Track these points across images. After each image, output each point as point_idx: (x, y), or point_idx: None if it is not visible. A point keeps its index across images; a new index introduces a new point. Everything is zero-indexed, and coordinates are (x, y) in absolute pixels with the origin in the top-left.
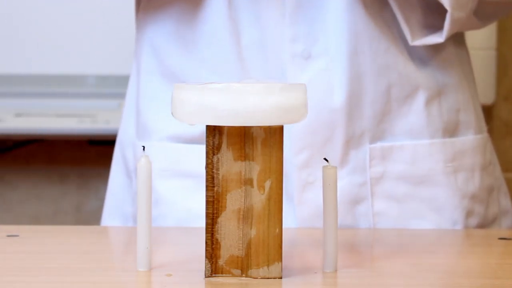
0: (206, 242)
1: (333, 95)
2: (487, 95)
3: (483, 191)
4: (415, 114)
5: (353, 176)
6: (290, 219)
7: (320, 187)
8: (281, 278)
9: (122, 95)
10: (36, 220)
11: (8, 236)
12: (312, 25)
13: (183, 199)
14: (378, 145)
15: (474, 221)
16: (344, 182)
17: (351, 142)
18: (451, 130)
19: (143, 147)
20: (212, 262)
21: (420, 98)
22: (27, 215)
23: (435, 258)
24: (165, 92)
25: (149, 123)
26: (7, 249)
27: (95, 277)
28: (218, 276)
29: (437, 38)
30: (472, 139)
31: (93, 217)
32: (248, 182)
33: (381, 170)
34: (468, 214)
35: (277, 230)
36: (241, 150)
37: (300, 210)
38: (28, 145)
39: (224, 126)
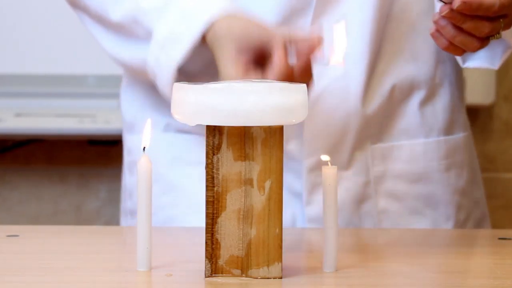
0: (206, 242)
1: (348, 101)
2: (487, 95)
3: (469, 185)
4: (411, 114)
5: (358, 176)
6: (300, 220)
7: None
8: (281, 278)
9: None
10: (36, 220)
11: (8, 236)
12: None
13: (195, 186)
14: (379, 145)
15: (462, 215)
16: (350, 182)
17: (357, 144)
18: (444, 129)
19: (144, 148)
20: (212, 262)
21: (415, 99)
22: (27, 215)
23: (435, 258)
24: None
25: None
26: (7, 249)
27: (95, 277)
28: (218, 276)
29: (491, 66)
30: (461, 136)
31: (93, 217)
32: (248, 182)
33: (383, 169)
34: (458, 208)
35: (277, 230)
36: (241, 150)
37: (308, 210)
38: (28, 145)
39: (224, 126)
